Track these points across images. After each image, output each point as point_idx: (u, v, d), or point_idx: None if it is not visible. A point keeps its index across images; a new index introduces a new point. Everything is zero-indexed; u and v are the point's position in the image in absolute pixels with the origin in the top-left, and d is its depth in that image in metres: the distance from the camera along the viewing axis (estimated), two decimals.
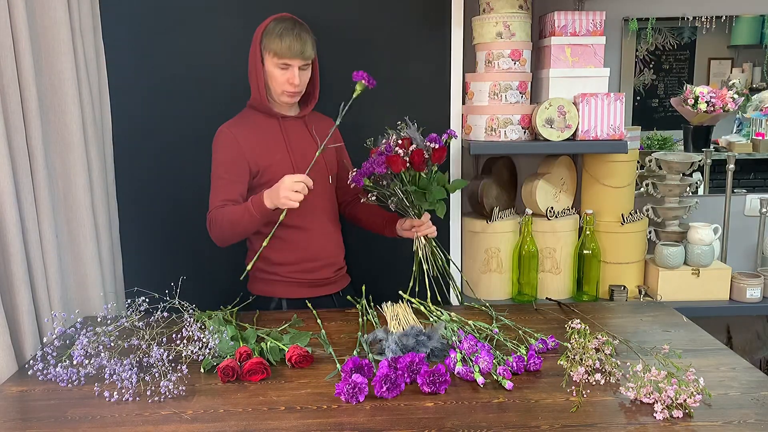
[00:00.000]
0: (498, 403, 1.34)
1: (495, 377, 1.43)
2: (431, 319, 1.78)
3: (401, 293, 1.91)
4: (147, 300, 1.63)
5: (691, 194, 2.52)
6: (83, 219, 1.92)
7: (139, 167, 2.27)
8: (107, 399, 1.38)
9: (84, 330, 1.57)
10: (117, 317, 1.64)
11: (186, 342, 1.54)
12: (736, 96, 2.43)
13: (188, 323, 1.58)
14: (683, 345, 1.60)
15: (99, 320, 1.61)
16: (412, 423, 1.27)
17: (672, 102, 2.52)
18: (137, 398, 1.39)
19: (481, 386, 1.41)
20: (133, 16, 2.19)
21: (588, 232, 2.16)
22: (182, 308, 1.67)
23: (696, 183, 2.51)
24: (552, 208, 2.20)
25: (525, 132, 2.09)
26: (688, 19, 2.43)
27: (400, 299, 1.91)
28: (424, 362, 1.43)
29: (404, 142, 1.79)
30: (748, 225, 2.52)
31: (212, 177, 1.90)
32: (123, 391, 1.40)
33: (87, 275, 1.95)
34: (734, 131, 2.61)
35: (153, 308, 1.63)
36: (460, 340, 1.54)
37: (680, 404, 1.27)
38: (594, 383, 1.41)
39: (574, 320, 1.63)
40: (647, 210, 2.37)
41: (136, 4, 2.19)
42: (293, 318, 1.82)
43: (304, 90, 1.93)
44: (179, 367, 1.43)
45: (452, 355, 1.49)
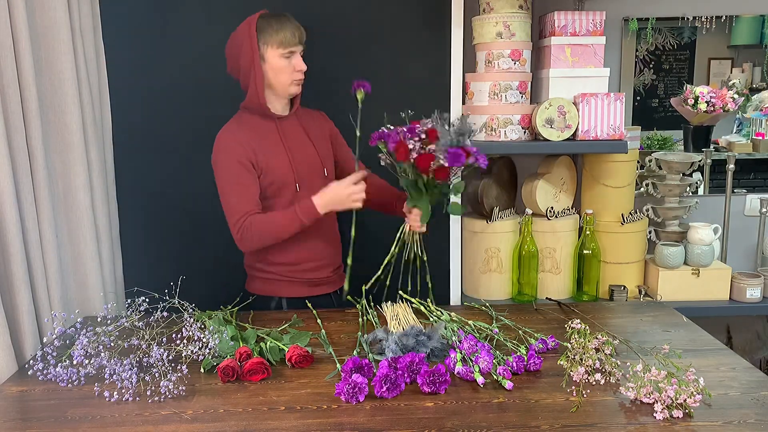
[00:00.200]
0: (498, 403, 1.34)
1: (495, 377, 1.43)
2: (431, 319, 1.78)
3: (401, 293, 1.91)
4: (147, 300, 1.63)
5: (691, 194, 2.52)
6: (83, 219, 1.92)
7: (139, 167, 2.27)
8: (107, 399, 1.38)
9: (84, 330, 1.57)
10: (117, 317, 1.64)
11: (186, 342, 1.54)
12: (736, 96, 2.43)
13: (188, 323, 1.58)
14: (683, 345, 1.60)
15: (99, 320, 1.61)
16: (412, 423, 1.27)
17: (672, 102, 2.52)
18: (137, 398, 1.39)
19: (481, 386, 1.41)
20: (133, 16, 2.19)
21: (588, 232, 2.16)
22: (182, 308, 1.67)
23: (696, 183, 2.51)
24: (552, 208, 2.20)
25: (525, 132, 2.09)
26: (688, 19, 2.43)
27: (400, 299, 1.91)
28: (424, 362, 1.43)
29: (429, 136, 1.70)
30: (748, 225, 2.52)
31: (225, 184, 1.86)
32: (123, 391, 1.40)
33: (87, 275, 1.95)
34: (734, 131, 2.61)
35: (153, 308, 1.63)
36: (460, 340, 1.54)
37: (680, 404, 1.27)
38: (594, 383, 1.41)
39: (574, 320, 1.64)
40: (647, 210, 2.37)
41: (136, 4, 2.19)
42: (293, 318, 1.82)
43: None
44: (179, 367, 1.43)
45: (452, 355, 1.49)
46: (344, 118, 2.08)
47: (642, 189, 2.41)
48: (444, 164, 1.66)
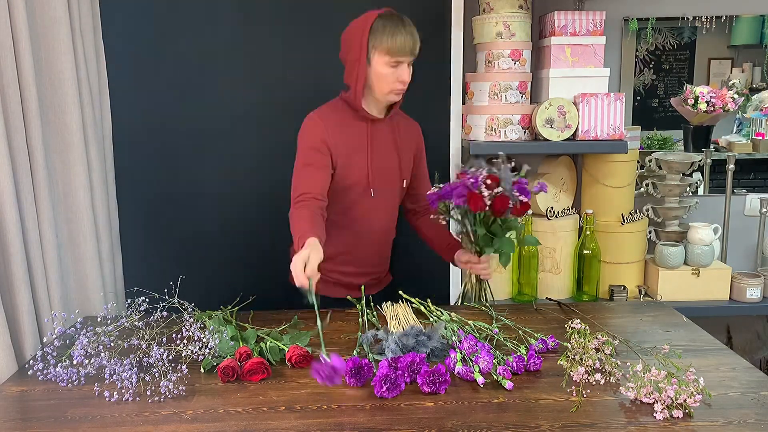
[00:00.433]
0: (498, 403, 1.34)
1: (495, 377, 1.42)
2: (431, 319, 1.78)
3: (401, 293, 1.91)
4: (147, 300, 1.63)
5: (691, 194, 2.52)
6: (83, 219, 1.92)
7: (139, 167, 2.27)
8: (107, 399, 1.38)
9: (84, 330, 1.57)
10: (117, 317, 1.64)
11: (186, 342, 1.54)
12: (736, 96, 2.43)
13: (188, 323, 1.58)
14: (683, 345, 1.60)
15: (99, 320, 1.61)
16: (412, 423, 1.27)
17: (672, 102, 2.52)
18: (137, 398, 1.39)
19: (481, 386, 1.41)
20: (133, 16, 2.19)
21: (588, 232, 2.16)
22: (182, 308, 1.67)
23: (696, 183, 2.51)
24: (552, 208, 2.20)
25: (525, 132, 2.09)
26: (688, 19, 2.43)
27: (400, 299, 1.91)
28: (424, 362, 1.43)
29: (492, 181, 1.70)
30: (748, 225, 2.53)
31: (298, 164, 1.81)
32: (123, 391, 1.40)
33: (87, 275, 1.95)
34: (734, 131, 2.61)
35: (153, 308, 1.63)
36: (460, 340, 1.54)
37: (680, 404, 1.27)
38: (594, 383, 1.41)
39: (574, 320, 1.63)
40: (647, 210, 2.37)
41: (136, 4, 2.19)
42: (293, 318, 1.82)
43: None
44: (179, 367, 1.43)
45: (452, 355, 1.49)
46: None
47: (642, 189, 2.41)
48: (524, 199, 1.69)
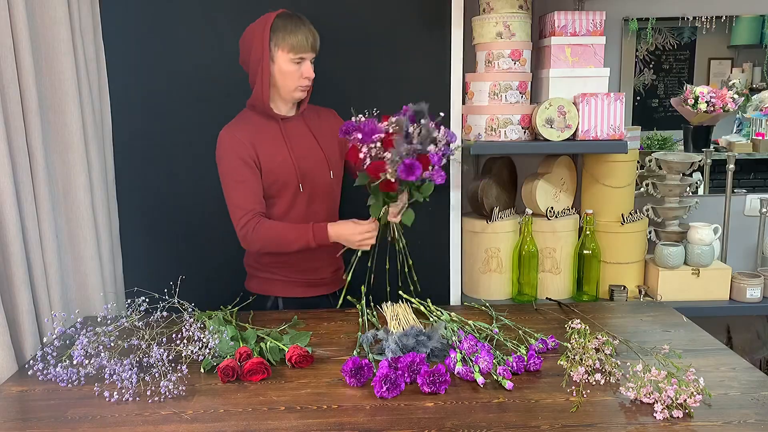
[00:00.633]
0: (498, 403, 1.34)
1: (495, 377, 1.43)
2: (431, 320, 1.78)
3: (401, 293, 1.91)
4: (147, 300, 1.63)
5: (691, 194, 2.52)
6: (83, 219, 1.92)
7: (139, 167, 2.27)
8: (107, 399, 1.38)
9: (84, 330, 1.57)
10: (117, 317, 1.64)
11: (186, 342, 1.54)
12: (736, 96, 2.43)
13: (188, 323, 1.58)
14: (683, 345, 1.60)
15: (99, 320, 1.61)
16: (412, 423, 1.27)
17: (672, 102, 2.52)
18: (137, 398, 1.39)
19: (481, 386, 1.41)
20: (133, 16, 2.19)
21: (588, 232, 2.16)
22: (182, 308, 1.67)
23: (696, 183, 2.51)
24: (552, 208, 2.20)
25: (525, 132, 2.09)
26: (688, 19, 2.43)
27: (400, 299, 1.91)
28: (424, 362, 1.43)
29: (385, 143, 1.60)
30: (748, 225, 2.52)
31: (229, 181, 1.85)
32: (123, 391, 1.40)
33: (87, 275, 1.95)
34: (734, 131, 2.61)
35: (153, 308, 1.63)
36: (460, 340, 1.54)
37: (680, 404, 1.27)
38: (594, 383, 1.41)
39: (574, 320, 1.64)
40: (647, 210, 2.37)
41: (136, 4, 2.19)
42: (293, 319, 1.82)
43: None
44: (179, 367, 1.43)
45: (452, 355, 1.49)
46: (343, 118, 2.09)
47: (642, 189, 2.41)
48: (391, 179, 1.57)
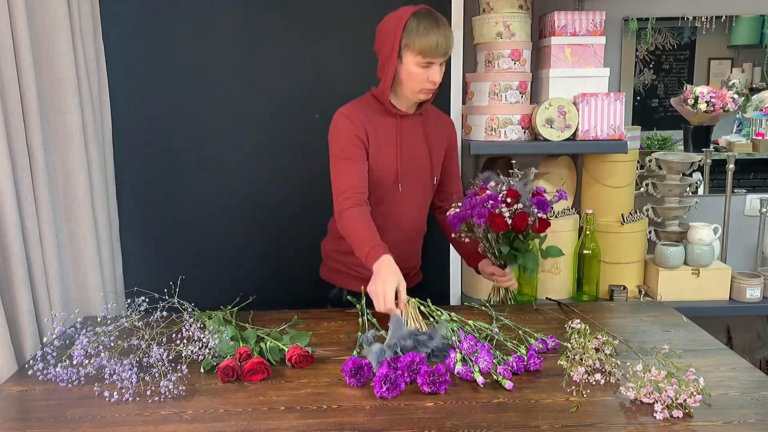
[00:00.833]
0: (498, 403, 1.34)
1: (495, 377, 1.42)
2: (431, 320, 1.78)
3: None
4: (147, 300, 1.63)
5: (691, 194, 2.52)
6: (83, 219, 1.92)
7: (139, 167, 2.27)
8: (107, 399, 1.38)
9: (84, 330, 1.57)
10: (117, 317, 1.64)
11: (186, 342, 1.54)
12: (736, 96, 2.43)
13: (188, 323, 1.58)
14: (683, 345, 1.60)
15: (99, 320, 1.61)
16: (412, 423, 1.27)
17: (672, 102, 2.52)
18: (137, 398, 1.39)
19: (481, 386, 1.41)
20: (133, 16, 2.19)
21: (588, 232, 2.16)
22: (182, 308, 1.67)
23: (696, 183, 2.51)
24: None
25: (525, 132, 2.09)
26: (688, 19, 2.43)
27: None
28: (424, 362, 1.43)
29: (511, 198, 1.69)
30: (748, 225, 2.53)
31: (338, 160, 1.80)
32: (123, 391, 1.40)
33: (87, 275, 1.95)
34: (734, 131, 2.61)
35: (153, 308, 1.63)
36: (460, 340, 1.54)
37: (680, 404, 1.27)
38: (594, 383, 1.41)
39: (574, 320, 1.63)
40: (647, 210, 2.37)
41: (136, 5, 2.19)
42: (293, 319, 1.82)
43: None
44: (179, 367, 1.43)
45: (452, 355, 1.49)
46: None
47: (642, 189, 2.41)
48: (542, 216, 1.70)
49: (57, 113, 1.85)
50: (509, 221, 1.69)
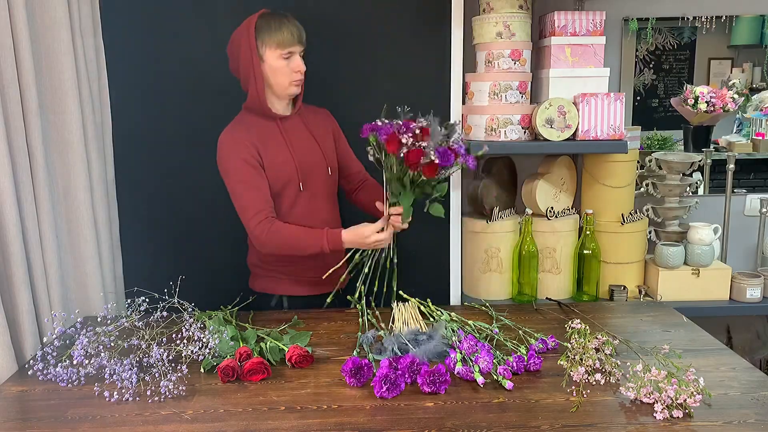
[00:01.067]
0: (498, 403, 1.34)
1: (495, 377, 1.43)
2: (431, 320, 1.78)
3: (402, 293, 1.91)
4: (147, 300, 1.63)
5: (691, 194, 2.52)
6: (83, 218, 1.92)
7: (139, 167, 2.27)
8: (107, 399, 1.38)
9: (84, 330, 1.57)
10: (117, 317, 1.64)
11: (186, 342, 1.54)
12: (736, 96, 2.43)
13: (188, 323, 1.58)
14: (683, 345, 1.60)
15: (99, 320, 1.61)
16: (412, 423, 1.27)
17: (672, 102, 2.51)
18: (137, 398, 1.39)
19: (481, 386, 1.41)
20: (133, 17, 2.19)
21: (588, 232, 2.16)
22: (182, 308, 1.67)
23: (696, 183, 2.51)
24: (552, 208, 2.20)
25: (525, 132, 2.09)
26: (688, 19, 2.43)
27: (402, 299, 1.91)
28: (425, 362, 1.43)
29: (422, 133, 1.71)
30: (748, 225, 2.52)
31: (236, 184, 1.85)
32: (123, 391, 1.40)
33: (87, 275, 1.95)
34: (734, 131, 2.61)
35: (153, 308, 1.63)
36: (460, 340, 1.54)
37: (680, 404, 1.27)
38: (594, 383, 1.41)
39: (574, 320, 1.64)
40: (647, 210, 2.37)
41: (136, 5, 2.19)
42: (293, 319, 1.82)
43: None
44: (179, 367, 1.43)
45: (452, 355, 1.49)
46: (343, 117, 2.09)
47: (642, 189, 2.41)
48: (435, 160, 1.69)
49: (57, 113, 1.85)
50: (404, 149, 1.69)
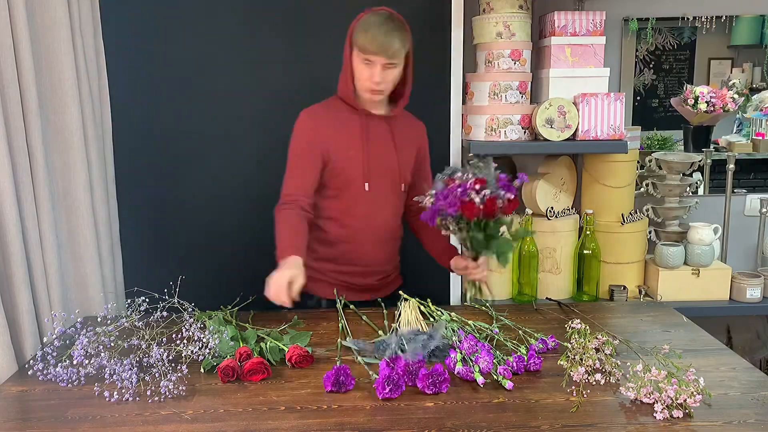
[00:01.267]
0: (498, 403, 1.34)
1: (495, 377, 1.42)
2: (431, 320, 1.78)
3: (401, 293, 1.91)
4: (147, 300, 1.63)
5: (691, 194, 2.52)
6: (83, 218, 1.92)
7: (139, 167, 2.27)
8: (107, 399, 1.38)
9: (84, 330, 1.57)
10: (117, 317, 1.64)
11: (186, 342, 1.54)
12: (736, 96, 2.43)
13: (188, 323, 1.58)
14: (683, 345, 1.60)
15: (99, 320, 1.61)
16: (412, 423, 1.27)
17: (672, 102, 2.52)
18: (137, 398, 1.39)
19: (481, 386, 1.41)
20: (133, 16, 2.19)
21: (588, 232, 2.16)
22: (182, 308, 1.67)
23: (696, 183, 2.51)
24: (552, 208, 2.20)
25: (525, 132, 2.09)
26: (688, 19, 2.43)
27: (403, 299, 1.91)
28: (423, 363, 1.43)
29: (479, 184, 1.68)
30: (748, 225, 2.52)
31: (291, 159, 1.84)
32: (123, 391, 1.40)
33: (87, 275, 1.95)
34: (734, 131, 2.61)
35: (153, 308, 1.63)
36: (460, 340, 1.54)
37: (680, 404, 1.27)
38: (594, 383, 1.41)
39: (574, 320, 1.63)
40: (647, 210, 2.37)
41: (137, 5, 2.19)
42: (293, 319, 1.82)
43: (390, 89, 1.83)
44: (179, 367, 1.43)
45: (452, 355, 1.49)
46: None
47: (642, 189, 2.41)
48: (510, 196, 1.68)
49: (57, 113, 1.85)
50: (480, 206, 1.67)
